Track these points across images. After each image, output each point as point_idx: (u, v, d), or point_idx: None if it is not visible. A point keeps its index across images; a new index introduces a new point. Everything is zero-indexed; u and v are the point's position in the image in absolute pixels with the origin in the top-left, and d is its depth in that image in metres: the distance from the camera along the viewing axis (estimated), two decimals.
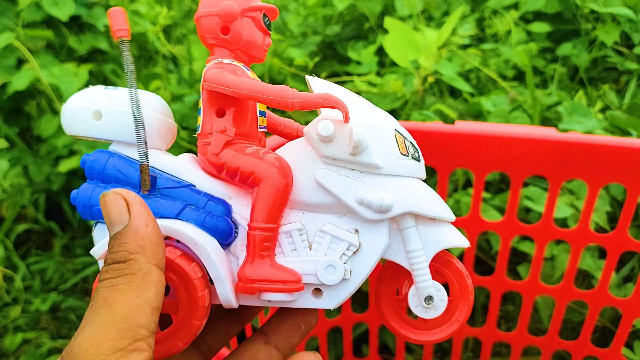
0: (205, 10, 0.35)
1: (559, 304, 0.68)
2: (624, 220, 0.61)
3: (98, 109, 0.34)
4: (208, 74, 0.34)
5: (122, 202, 0.29)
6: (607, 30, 1.35)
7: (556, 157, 0.59)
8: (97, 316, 0.26)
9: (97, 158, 0.34)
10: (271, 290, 0.32)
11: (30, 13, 1.08)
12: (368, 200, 0.33)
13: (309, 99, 0.32)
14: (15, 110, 1.14)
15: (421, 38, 1.03)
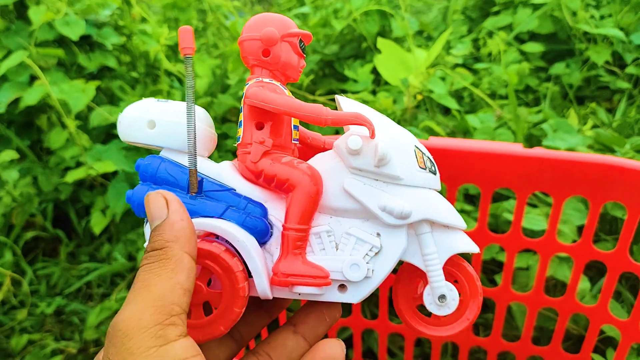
0: (249, 35, 0.39)
1: (530, 311, 0.71)
2: (588, 231, 0.65)
3: (152, 119, 0.38)
4: (250, 91, 0.38)
5: (162, 200, 0.33)
6: (598, 51, 1.38)
7: (521, 171, 0.63)
8: (137, 295, 0.30)
9: (150, 162, 0.38)
10: (302, 284, 0.36)
11: (43, 32, 1.14)
12: (390, 207, 0.36)
13: (341, 116, 0.36)
14: (27, 124, 1.20)
15: (412, 58, 1.08)
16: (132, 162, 1.08)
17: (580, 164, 0.60)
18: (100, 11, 1.27)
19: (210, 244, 0.36)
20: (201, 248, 0.35)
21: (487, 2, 1.73)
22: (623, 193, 0.60)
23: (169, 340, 0.28)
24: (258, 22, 0.40)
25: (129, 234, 1.08)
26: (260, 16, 0.40)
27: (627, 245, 0.62)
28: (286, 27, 0.40)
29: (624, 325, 0.65)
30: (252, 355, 0.39)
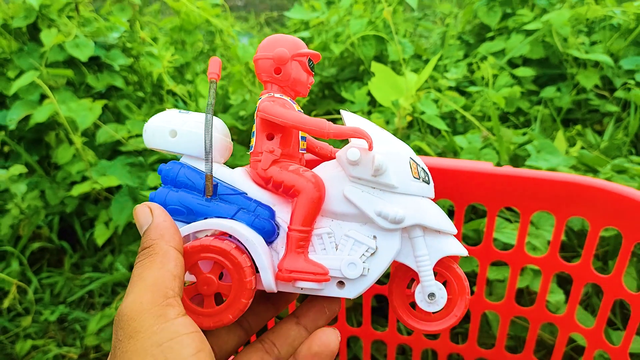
0: (263, 54, 0.43)
1: (503, 319, 0.75)
2: (554, 245, 0.69)
3: (174, 129, 0.41)
4: (262, 105, 0.41)
5: (147, 209, 0.38)
6: (587, 75, 1.43)
7: (491, 187, 0.67)
8: (135, 286, 0.34)
9: (171, 167, 0.42)
10: (304, 279, 0.40)
11: (54, 54, 1.20)
12: (385, 213, 0.40)
13: (342, 130, 0.39)
14: (36, 140, 1.26)
15: (403, 81, 1.13)
16: (136, 176, 1.13)
17: (545, 181, 0.65)
18: (109, 34, 1.34)
19: (222, 241, 0.39)
20: (214, 245, 0.39)
21: (483, 28, 1.78)
22: (585, 209, 0.64)
23: (169, 319, 0.32)
24: (271, 42, 0.43)
25: (131, 245, 1.13)
26: (273, 37, 0.44)
27: (590, 257, 0.66)
28: (296, 47, 0.43)
29: (589, 333, 0.69)
30: (258, 342, 0.43)
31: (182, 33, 1.55)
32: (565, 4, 1.58)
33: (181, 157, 0.43)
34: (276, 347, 0.42)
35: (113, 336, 0.33)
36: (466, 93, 1.45)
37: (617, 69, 1.49)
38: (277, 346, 0.42)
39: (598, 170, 1.05)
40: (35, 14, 1.24)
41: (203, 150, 0.40)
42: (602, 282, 0.66)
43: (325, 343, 0.40)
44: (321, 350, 0.40)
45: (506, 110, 1.39)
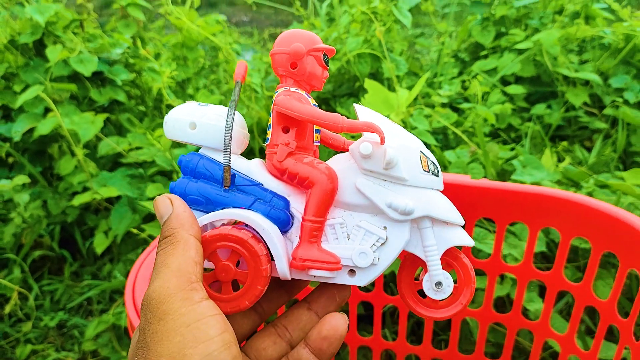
0: (279, 49, 0.44)
1: (481, 325, 0.78)
2: (528, 254, 0.72)
3: (193, 121, 0.42)
4: (278, 99, 0.42)
5: (167, 200, 0.40)
6: (576, 93, 1.47)
7: (468, 199, 0.71)
8: (160, 272, 0.36)
9: (191, 159, 0.43)
10: (316, 267, 0.41)
11: (59, 69, 1.25)
12: (395, 204, 0.41)
13: (355, 125, 0.41)
14: (40, 152, 1.31)
15: (394, 97, 1.17)
16: (135, 188, 1.17)
17: (517, 194, 0.68)
18: (112, 50, 1.39)
19: (239, 231, 0.41)
20: (232, 234, 0.40)
21: (477, 46, 1.83)
22: (556, 219, 0.68)
23: (195, 302, 0.35)
24: (288, 37, 0.44)
25: (129, 254, 1.16)
26: (290, 32, 0.45)
27: (562, 266, 0.70)
28: (312, 42, 0.44)
29: (563, 338, 0.72)
30: (271, 327, 0.45)
31: (184, 49, 1.60)
32: (556, 24, 1.62)
33: (200, 148, 0.44)
34: (288, 331, 0.45)
35: (142, 319, 0.36)
36: (459, 109, 1.49)
37: (607, 87, 1.53)
38: (289, 330, 0.45)
39: (581, 185, 1.08)
40: (42, 30, 1.29)
41: (221, 142, 0.42)
42: (573, 290, 0.70)
43: (334, 327, 0.42)
44: (330, 334, 0.42)
45: (497, 126, 1.43)
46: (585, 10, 1.64)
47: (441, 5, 2.35)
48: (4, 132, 1.26)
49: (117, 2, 1.54)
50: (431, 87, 1.71)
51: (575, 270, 0.97)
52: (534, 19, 1.71)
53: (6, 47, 1.33)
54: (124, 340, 1.02)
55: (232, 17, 4.30)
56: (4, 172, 1.30)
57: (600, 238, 0.65)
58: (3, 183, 1.13)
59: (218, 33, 1.64)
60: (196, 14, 1.57)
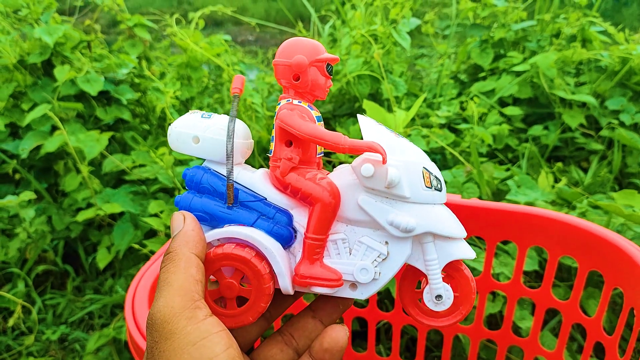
0: (281, 60, 0.43)
1: (473, 342, 0.80)
2: (517, 272, 0.74)
3: (196, 135, 0.42)
4: (281, 114, 0.42)
5: (181, 217, 0.41)
6: (572, 115, 1.50)
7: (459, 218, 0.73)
8: (163, 291, 0.37)
9: (195, 173, 0.43)
10: (318, 285, 0.42)
11: (66, 88, 1.29)
12: (397, 222, 0.41)
13: (357, 145, 0.40)
14: (46, 169, 1.34)
15: (392, 117, 1.20)
16: (138, 204, 1.20)
17: (505, 213, 0.70)
18: (118, 70, 1.42)
19: (242, 249, 0.42)
20: (234, 254, 0.41)
21: (476, 68, 1.86)
22: (543, 238, 0.70)
23: (200, 320, 0.36)
24: (290, 47, 0.43)
25: (131, 269, 1.18)
26: (292, 42, 0.44)
27: (550, 283, 0.71)
28: (315, 53, 0.43)
29: (551, 355, 0.73)
30: (278, 335, 0.47)
31: (188, 69, 1.63)
32: (553, 47, 1.66)
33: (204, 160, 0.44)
34: (294, 339, 0.46)
35: (148, 338, 0.37)
36: (458, 130, 1.52)
37: (603, 109, 1.56)
38: (295, 338, 0.46)
39: (575, 205, 1.10)
40: (50, 51, 1.33)
41: (225, 156, 0.42)
42: (561, 308, 0.71)
43: (335, 339, 0.43)
44: (331, 346, 0.43)
45: (495, 147, 1.45)
46: (582, 34, 1.67)
47: (442, 27, 2.39)
48: (12, 149, 1.29)
49: (124, 22, 1.59)
50: (430, 107, 1.74)
51: (567, 289, 0.98)
52: (531, 41, 1.74)
53: (15, 66, 1.37)
54: (124, 354, 1.04)
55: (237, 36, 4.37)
56: (10, 188, 1.33)
57: (587, 257, 0.67)
58: (9, 199, 1.16)
59: (222, 53, 1.67)
60: (201, 35, 1.61)
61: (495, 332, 0.78)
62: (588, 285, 0.94)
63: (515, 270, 0.74)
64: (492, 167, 1.17)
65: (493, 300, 0.88)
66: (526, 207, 0.70)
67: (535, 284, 1.01)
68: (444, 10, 2.77)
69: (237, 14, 1.90)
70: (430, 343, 1.01)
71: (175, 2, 5.41)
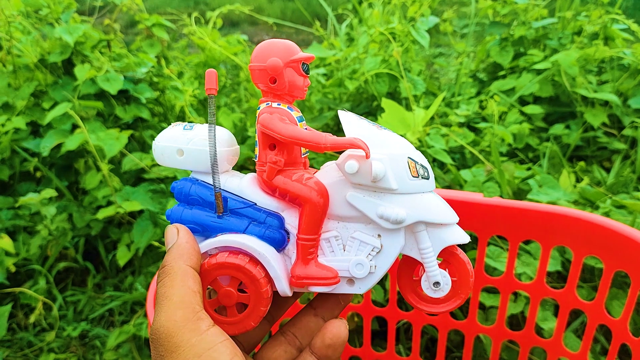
0: (256, 65, 0.43)
1: (494, 342, 0.79)
2: (541, 272, 0.73)
3: (180, 148, 0.43)
4: (261, 118, 0.42)
5: (175, 230, 0.42)
6: (594, 114, 1.48)
7: (481, 216, 0.72)
8: (163, 305, 0.37)
9: (183, 186, 0.44)
10: (315, 284, 0.43)
11: (86, 87, 1.30)
12: (386, 215, 0.42)
13: (338, 143, 0.40)
14: (66, 167, 1.35)
15: (411, 116, 1.19)
16: (157, 202, 1.20)
17: (529, 212, 0.69)
18: (137, 69, 1.43)
19: (236, 257, 0.42)
20: (229, 262, 0.42)
21: (496, 67, 1.84)
22: (568, 238, 0.69)
23: (203, 331, 0.37)
24: (263, 50, 0.43)
25: (150, 267, 1.19)
26: (266, 44, 0.43)
27: (574, 284, 0.70)
28: (289, 53, 0.43)
29: (575, 357, 0.72)
30: (280, 335, 0.47)
31: (206, 68, 1.63)
32: (575, 44, 1.63)
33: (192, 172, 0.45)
34: (297, 338, 0.46)
35: (153, 352, 0.37)
36: (477, 129, 1.50)
37: (626, 107, 1.53)
38: (299, 338, 0.46)
39: (598, 205, 1.09)
40: (70, 50, 1.34)
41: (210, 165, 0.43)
42: (586, 308, 0.70)
43: (336, 334, 0.43)
44: (334, 341, 0.43)
45: (515, 146, 1.44)
46: (604, 31, 1.64)
47: (460, 26, 2.38)
48: (33, 148, 1.30)
49: (143, 22, 1.59)
50: (449, 106, 1.72)
51: (591, 290, 0.97)
52: (552, 39, 1.72)
53: (36, 65, 1.38)
54: (144, 351, 1.04)
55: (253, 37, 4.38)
56: (31, 186, 1.34)
57: (612, 257, 0.66)
58: (31, 196, 1.17)
59: (239, 52, 1.67)
60: (218, 34, 1.62)
61: (517, 332, 0.77)
62: (612, 285, 0.92)
63: (538, 271, 0.73)
64: (513, 166, 1.16)
65: (515, 301, 0.87)
66: (551, 206, 0.69)
67: (557, 285, 0.99)
68: (462, 9, 2.75)
69: (253, 13, 1.90)
70: (450, 343, 1.00)
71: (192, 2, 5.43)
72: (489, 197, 0.72)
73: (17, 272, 1.23)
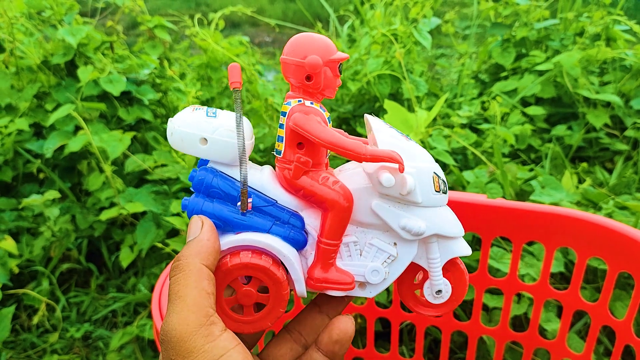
0: (293, 59, 0.41)
1: (498, 344, 0.79)
2: (545, 273, 0.73)
3: (204, 137, 0.40)
4: (295, 118, 0.41)
5: (199, 223, 0.40)
6: (596, 115, 1.48)
7: (484, 217, 0.72)
8: (176, 306, 0.36)
9: (204, 177, 0.41)
10: (332, 289, 0.43)
11: (89, 89, 1.30)
12: (409, 227, 0.42)
13: (378, 155, 0.40)
14: (69, 168, 1.35)
15: (413, 118, 1.19)
16: (160, 203, 1.20)
17: (532, 213, 0.69)
18: (140, 70, 1.44)
19: (260, 257, 0.41)
20: (253, 263, 0.41)
21: (498, 68, 1.84)
22: (571, 239, 0.69)
23: (216, 336, 0.36)
24: (302, 45, 0.41)
25: (153, 268, 1.19)
26: (304, 39, 0.42)
27: (578, 285, 0.70)
28: (329, 52, 0.41)
29: (579, 358, 0.72)
30: (286, 333, 0.46)
31: (208, 70, 1.64)
32: (577, 45, 1.63)
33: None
34: (303, 336, 0.46)
35: (163, 354, 0.37)
36: (479, 130, 1.50)
37: (628, 108, 1.53)
38: (304, 335, 0.46)
39: (601, 206, 1.09)
40: (74, 51, 1.34)
41: (233, 159, 0.41)
42: (589, 310, 0.70)
43: (344, 330, 0.44)
44: (341, 337, 0.43)
45: (517, 147, 1.44)
46: (606, 32, 1.65)
47: (462, 27, 2.38)
48: (36, 149, 1.31)
49: (145, 24, 1.60)
50: (451, 107, 1.72)
51: (594, 291, 0.97)
52: (554, 40, 1.72)
53: (39, 67, 1.39)
54: (147, 352, 1.05)
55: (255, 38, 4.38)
56: (35, 188, 1.35)
57: (616, 258, 0.66)
58: (34, 198, 1.18)
59: (241, 54, 1.68)
60: (220, 36, 1.62)
61: (520, 333, 0.77)
62: (615, 287, 0.92)
63: (542, 272, 0.73)
64: (515, 167, 1.16)
65: (518, 302, 0.87)
66: (554, 207, 0.69)
67: (560, 286, 0.99)
68: (463, 10, 2.75)
69: (255, 14, 1.91)
70: (454, 344, 1.00)
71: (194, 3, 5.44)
72: (493, 199, 0.72)
73: (21, 273, 1.23)
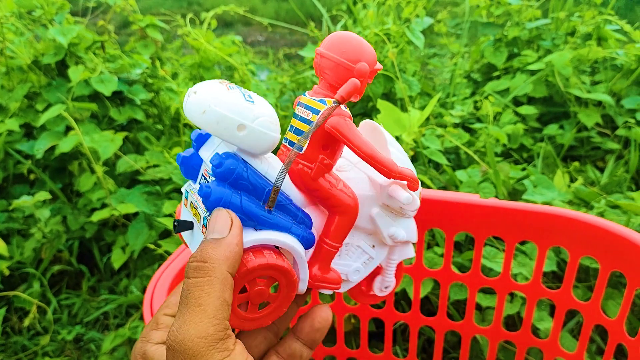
0: (342, 61, 0.39)
1: (491, 343, 0.79)
2: (537, 273, 0.73)
3: (243, 124, 0.36)
4: (338, 123, 0.39)
5: (228, 220, 0.36)
6: (588, 114, 1.48)
7: (477, 217, 0.72)
8: (195, 314, 0.34)
9: (235, 166, 0.37)
10: (325, 287, 0.44)
11: (80, 88, 1.29)
12: (395, 235, 0.46)
13: (404, 175, 0.42)
14: (60, 169, 1.34)
15: (406, 117, 1.19)
16: (152, 204, 1.20)
17: (525, 212, 0.69)
18: (132, 70, 1.43)
19: (281, 258, 0.39)
20: (278, 264, 0.39)
21: (490, 67, 1.85)
22: (564, 238, 0.69)
23: (231, 350, 0.35)
24: (355, 49, 0.40)
25: (145, 269, 1.19)
26: (357, 43, 0.40)
27: (570, 284, 0.70)
28: (374, 61, 0.41)
29: (572, 357, 0.72)
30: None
31: (200, 69, 1.63)
32: (568, 45, 1.64)
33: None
34: (275, 324, 0.47)
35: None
36: (472, 129, 1.51)
37: (619, 108, 1.54)
38: (276, 323, 0.47)
39: (593, 205, 1.09)
40: (64, 51, 1.33)
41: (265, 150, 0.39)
42: (582, 309, 0.70)
43: (325, 318, 0.45)
44: (322, 325, 0.45)
45: (509, 147, 1.44)
46: (598, 32, 1.65)
47: (453, 26, 2.38)
48: (26, 150, 1.30)
49: (136, 23, 1.59)
50: (444, 107, 1.73)
51: (586, 290, 0.97)
52: (546, 40, 1.73)
53: (30, 67, 1.37)
54: None
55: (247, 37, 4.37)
56: (25, 189, 1.34)
57: (608, 257, 0.66)
58: (24, 199, 1.17)
59: (234, 53, 1.67)
60: (213, 35, 1.61)
61: (513, 333, 0.77)
62: (608, 286, 0.92)
63: (535, 271, 0.73)
64: (508, 166, 1.16)
65: (511, 301, 0.87)
66: (547, 207, 0.69)
67: (552, 285, 1.00)
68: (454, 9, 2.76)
69: (247, 14, 1.90)
70: (447, 344, 1.00)
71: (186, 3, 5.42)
72: (486, 198, 0.72)
73: (11, 275, 1.22)
